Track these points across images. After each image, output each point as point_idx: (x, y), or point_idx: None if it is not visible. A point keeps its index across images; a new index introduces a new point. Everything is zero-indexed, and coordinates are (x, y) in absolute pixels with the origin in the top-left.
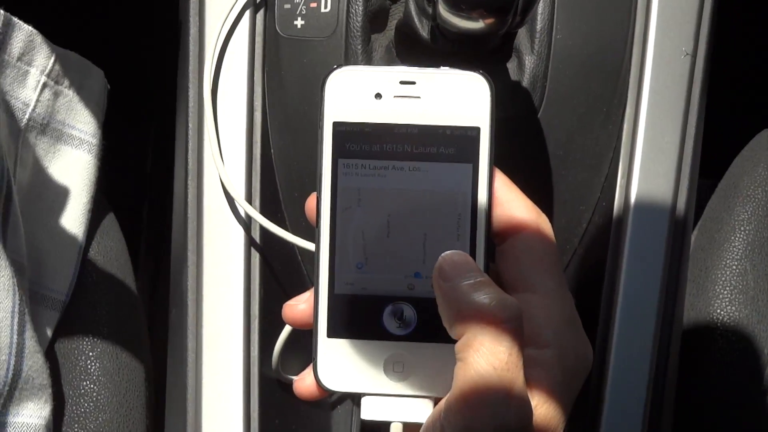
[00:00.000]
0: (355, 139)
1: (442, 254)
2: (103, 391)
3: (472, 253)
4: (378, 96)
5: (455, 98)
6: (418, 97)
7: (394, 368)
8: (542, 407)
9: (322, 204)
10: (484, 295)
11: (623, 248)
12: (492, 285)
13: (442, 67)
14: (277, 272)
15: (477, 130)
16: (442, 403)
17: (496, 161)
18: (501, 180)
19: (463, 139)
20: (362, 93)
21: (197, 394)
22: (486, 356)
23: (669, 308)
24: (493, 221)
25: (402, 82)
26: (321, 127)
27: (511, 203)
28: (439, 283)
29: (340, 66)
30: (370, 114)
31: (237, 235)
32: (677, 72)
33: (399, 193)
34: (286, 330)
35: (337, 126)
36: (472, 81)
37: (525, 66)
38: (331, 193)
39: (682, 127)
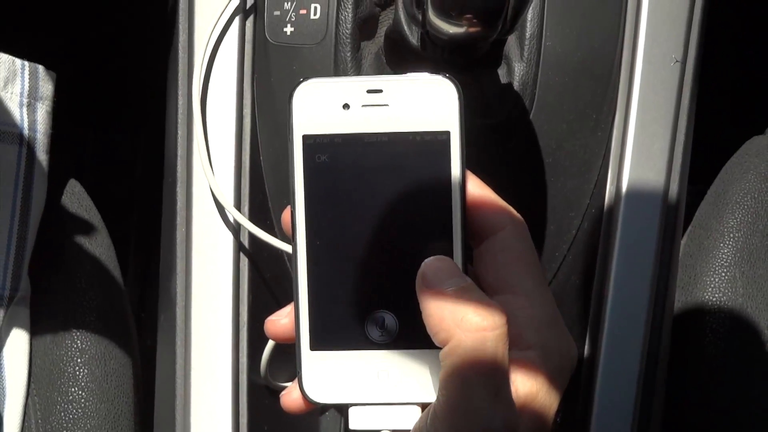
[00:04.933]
0: (326, 151)
1: (425, 260)
2: (91, 398)
3: (450, 255)
4: (346, 106)
5: (423, 103)
6: (387, 105)
7: (379, 376)
8: (528, 408)
9: (297, 217)
10: (468, 302)
11: (612, 254)
12: (476, 290)
13: (408, 74)
14: (266, 279)
15: (447, 134)
16: (428, 409)
17: (486, 168)
18: (474, 182)
19: (433, 144)
20: (330, 104)
21: (186, 401)
22: (471, 363)
23: (658, 314)
24: (468, 224)
25: (369, 91)
26: (291, 141)
27: (485, 205)
28: (422, 290)
29: (306, 79)
30: (339, 125)
31: (226, 241)
32: (667, 79)
33: (373, 201)
34: None
35: (307, 139)
36: (439, 85)
37: (514, 72)
38: (305, 205)
39: (672, 133)
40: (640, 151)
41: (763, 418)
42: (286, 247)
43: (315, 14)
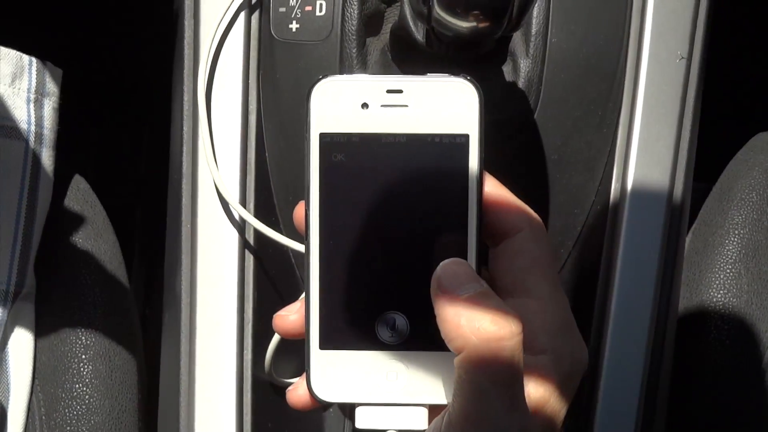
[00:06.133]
0: (343, 150)
1: (441, 264)
2: (95, 394)
3: (464, 259)
4: (365, 105)
5: (443, 105)
6: (406, 106)
7: (387, 377)
8: (540, 414)
9: (310, 214)
10: (485, 309)
11: (617, 251)
12: (492, 296)
13: (428, 74)
14: (270, 275)
15: (466, 137)
16: (443, 418)
17: (492, 164)
18: (492, 183)
19: (452, 147)
20: (349, 103)
21: (190, 397)
22: (487, 372)
23: (663, 311)
24: (485, 225)
25: (389, 91)
26: (307, 139)
27: (504, 206)
28: (437, 295)
29: (325, 76)
30: (357, 124)
31: (231, 238)
32: (672, 75)
33: (389, 201)
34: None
35: (324, 137)
36: (460, 87)
37: (520, 69)
38: (320, 204)
39: (677, 130)
40: (646, 148)
41: (767, 417)
42: (292, 244)
43: (320, 11)
